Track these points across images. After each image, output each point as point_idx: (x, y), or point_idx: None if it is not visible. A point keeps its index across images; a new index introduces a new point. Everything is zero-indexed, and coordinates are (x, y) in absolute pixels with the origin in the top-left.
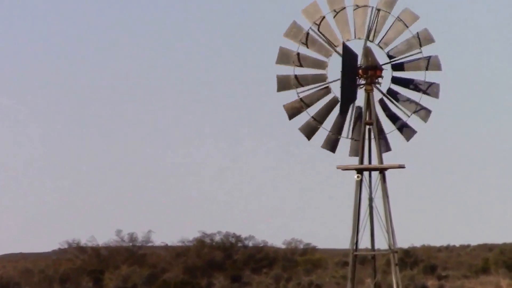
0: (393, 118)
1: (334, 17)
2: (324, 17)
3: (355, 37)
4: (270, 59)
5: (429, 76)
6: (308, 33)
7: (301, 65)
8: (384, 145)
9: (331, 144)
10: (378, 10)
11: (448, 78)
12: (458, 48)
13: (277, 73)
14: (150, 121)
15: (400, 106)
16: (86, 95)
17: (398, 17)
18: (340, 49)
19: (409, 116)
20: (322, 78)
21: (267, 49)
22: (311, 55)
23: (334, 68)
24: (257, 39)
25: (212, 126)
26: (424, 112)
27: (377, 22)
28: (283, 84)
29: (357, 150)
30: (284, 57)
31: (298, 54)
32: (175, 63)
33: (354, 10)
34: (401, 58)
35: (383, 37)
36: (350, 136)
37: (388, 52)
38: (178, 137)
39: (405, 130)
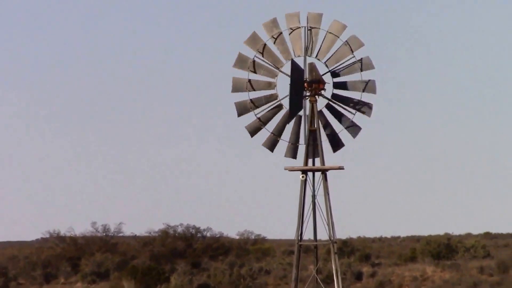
0: (329, 129)
1: (289, 34)
2: (265, 44)
3: (295, 56)
4: (227, 88)
5: (365, 96)
6: (254, 61)
7: (253, 89)
8: (321, 149)
9: (271, 144)
10: (310, 28)
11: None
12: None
13: (234, 100)
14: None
15: (336, 120)
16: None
17: (345, 41)
18: (284, 68)
19: (341, 129)
20: (274, 97)
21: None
22: (260, 78)
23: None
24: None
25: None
26: (354, 129)
27: (325, 44)
28: (241, 109)
29: (295, 152)
30: (237, 85)
31: (249, 80)
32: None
33: (289, 33)
34: (343, 78)
35: (330, 57)
36: (288, 139)
37: (325, 62)
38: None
39: (334, 140)
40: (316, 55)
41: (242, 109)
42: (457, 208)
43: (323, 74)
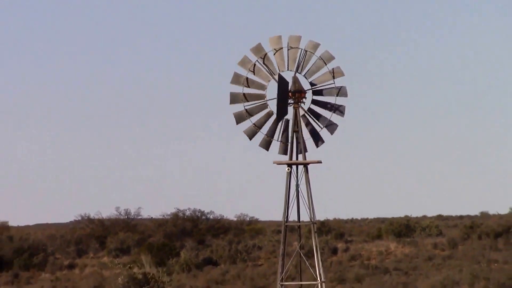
0: (311, 129)
1: (274, 54)
2: (266, 54)
3: (288, 69)
4: (226, 80)
5: (338, 100)
6: (255, 64)
7: (248, 86)
8: (305, 146)
9: (266, 145)
10: (306, 51)
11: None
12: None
13: (231, 91)
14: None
15: (316, 121)
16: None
17: (319, 56)
18: (271, 82)
19: (321, 128)
20: (262, 97)
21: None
22: (256, 79)
23: (272, 90)
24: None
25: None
26: (332, 127)
27: (304, 60)
28: (239, 118)
29: (285, 150)
30: (236, 79)
31: (247, 78)
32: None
33: (288, 50)
34: (320, 86)
35: (308, 70)
36: (280, 139)
37: (311, 81)
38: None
39: (316, 137)
40: (297, 69)
41: (239, 118)
42: (415, 194)
43: (307, 89)
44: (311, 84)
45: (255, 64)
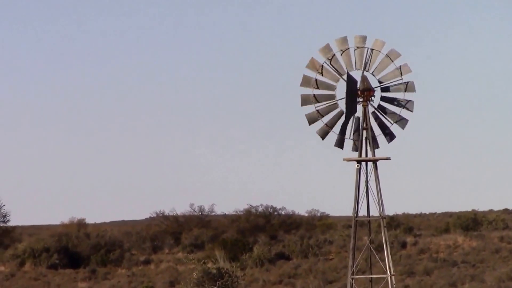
0: (382, 125)
1: (341, 54)
2: (334, 55)
3: (355, 69)
4: (296, 83)
5: (407, 95)
6: (322, 66)
7: (317, 87)
8: (375, 143)
9: (340, 143)
10: (372, 50)
11: (421, 97)
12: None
13: (301, 93)
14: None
15: (386, 117)
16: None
17: (386, 54)
18: (345, 77)
19: (392, 124)
20: (332, 97)
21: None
22: (324, 80)
23: (340, 89)
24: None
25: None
26: (402, 122)
27: (371, 58)
28: (305, 100)
29: (357, 147)
30: (306, 81)
31: (316, 80)
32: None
33: (355, 50)
34: (388, 83)
35: (375, 68)
36: (351, 137)
37: (379, 79)
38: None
39: (387, 133)
40: (365, 68)
41: (311, 119)
42: (482, 189)
43: (374, 87)
44: (379, 81)
45: (322, 66)
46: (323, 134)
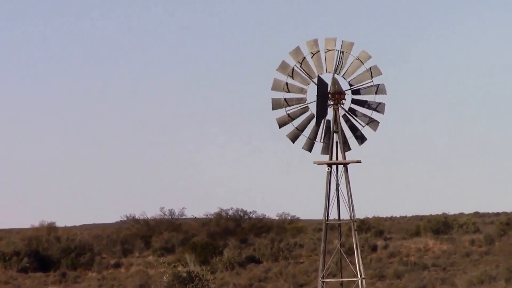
0: (353, 128)
1: (311, 57)
2: (304, 58)
3: (326, 71)
4: (267, 85)
5: (378, 98)
6: (293, 69)
7: (288, 91)
8: (346, 146)
9: (309, 146)
10: (342, 52)
11: (392, 99)
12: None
13: (272, 96)
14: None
15: (357, 119)
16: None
17: (356, 57)
18: (316, 80)
19: (363, 126)
20: (303, 100)
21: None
22: (295, 83)
23: (312, 93)
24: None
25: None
26: (374, 124)
27: (342, 61)
28: (276, 105)
29: (327, 150)
30: (277, 85)
31: (286, 83)
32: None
33: (325, 52)
34: (359, 86)
35: (346, 71)
36: (322, 140)
37: (349, 81)
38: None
39: (358, 136)
40: (343, 74)
41: (282, 123)
42: (452, 193)
43: (345, 91)
44: (350, 84)
45: (293, 69)
46: (294, 137)
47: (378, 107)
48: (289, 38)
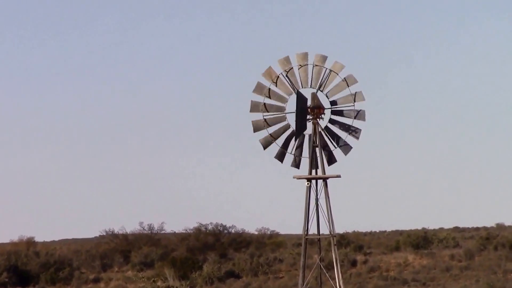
0: (325, 147)
1: (298, 69)
2: (292, 68)
3: (310, 86)
4: (249, 89)
5: (356, 123)
6: (278, 77)
7: (269, 97)
8: (321, 161)
9: (280, 156)
10: (330, 71)
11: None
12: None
13: (251, 99)
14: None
15: (331, 140)
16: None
17: (344, 78)
18: (292, 96)
19: (335, 148)
20: (282, 109)
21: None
22: (278, 91)
23: (292, 104)
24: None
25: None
26: (346, 148)
27: (328, 79)
28: (257, 126)
29: (297, 163)
30: (259, 89)
31: (269, 89)
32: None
33: (313, 67)
34: (339, 107)
35: (330, 89)
36: (293, 152)
37: (331, 100)
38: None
39: (329, 156)
40: (319, 88)
41: (257, 127)
42: (432, 208)
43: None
44: (331, 103)
45: (278, 76)
46: (266, 144)
47: (354, 131)
48: (279, 47)
